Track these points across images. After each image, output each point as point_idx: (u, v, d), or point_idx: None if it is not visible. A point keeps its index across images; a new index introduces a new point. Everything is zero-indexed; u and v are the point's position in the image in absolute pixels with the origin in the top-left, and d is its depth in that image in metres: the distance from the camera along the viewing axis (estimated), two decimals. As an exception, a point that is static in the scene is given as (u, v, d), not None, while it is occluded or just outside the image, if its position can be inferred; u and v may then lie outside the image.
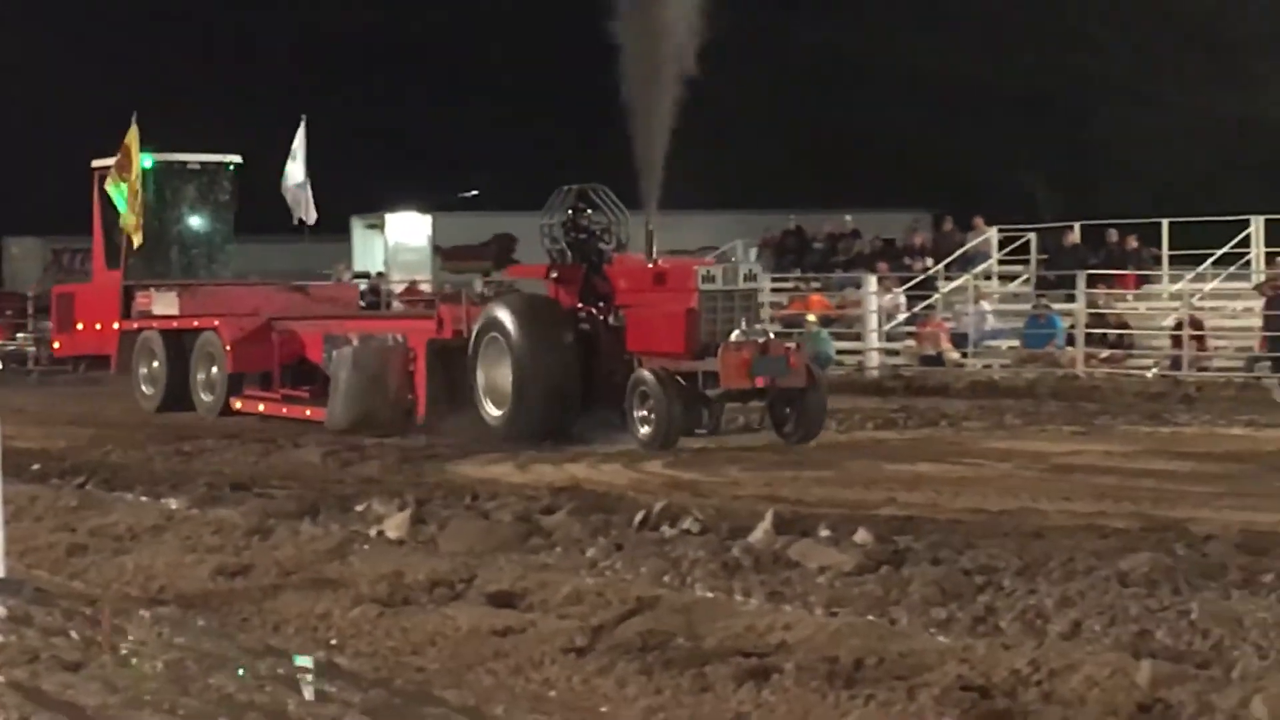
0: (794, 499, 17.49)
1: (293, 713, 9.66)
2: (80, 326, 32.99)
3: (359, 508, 16.70)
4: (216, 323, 29.56)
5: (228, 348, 29.05)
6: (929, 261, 42.24)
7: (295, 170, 34.40)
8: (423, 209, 57.39)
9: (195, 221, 33.56)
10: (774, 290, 42.64)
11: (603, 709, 9.39)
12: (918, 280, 40.98)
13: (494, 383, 24.70)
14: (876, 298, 39.46)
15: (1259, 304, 35.44)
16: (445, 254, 53.99)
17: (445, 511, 16.35)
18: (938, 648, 9.70)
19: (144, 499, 18.05)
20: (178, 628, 12.17)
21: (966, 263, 42.09)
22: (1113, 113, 57.01)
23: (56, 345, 35.05)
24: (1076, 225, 41.82)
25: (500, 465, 21.41)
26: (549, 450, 23.01)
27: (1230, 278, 38.71)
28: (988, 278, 42.69)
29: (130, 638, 11.99)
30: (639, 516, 15.61)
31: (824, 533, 14.41)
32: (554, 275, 25.44)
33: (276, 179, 34.37)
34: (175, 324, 30.51)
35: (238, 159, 33.42)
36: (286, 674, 10.64)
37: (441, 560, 13.48)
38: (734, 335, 22.84)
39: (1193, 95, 55.08)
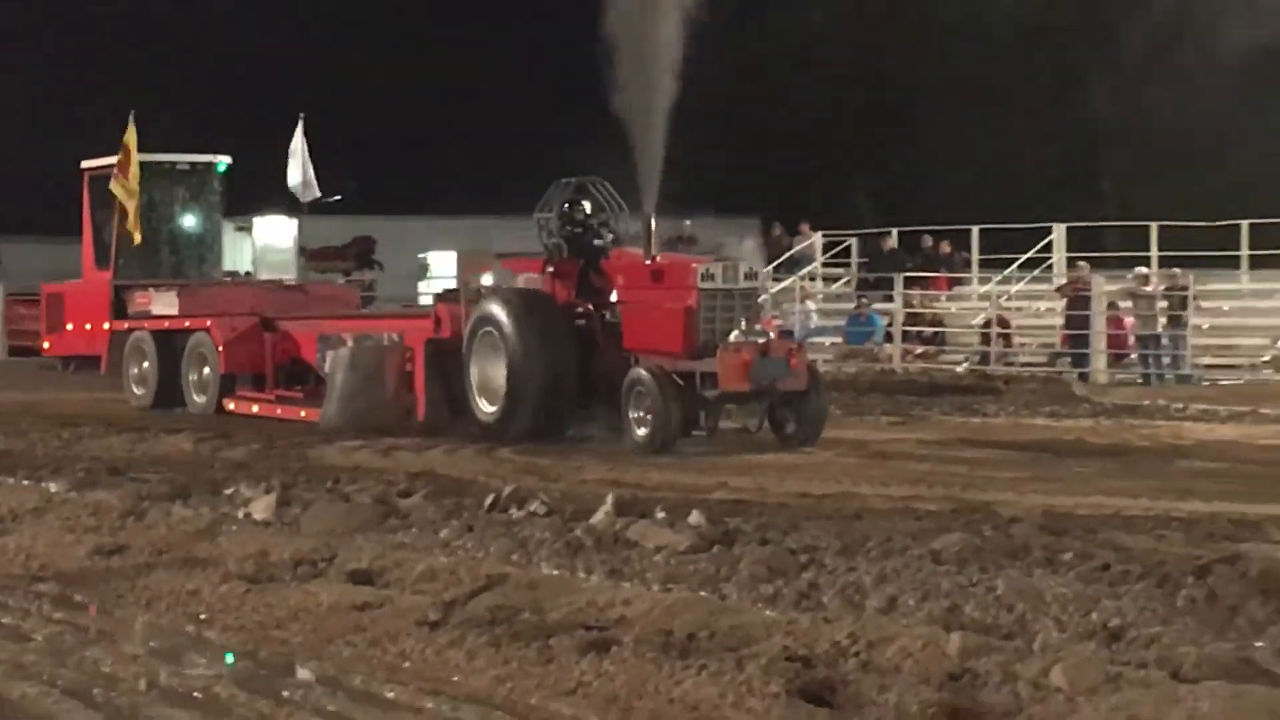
0: (634, 484, 17.48)
1: (165, 683, 9.59)
2: (70, 326, 30.72)
3: (228, 491, 16.59)
4: (209, 323, 27.49)
5: (220, 348, 27.02)
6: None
7: (295, 168, 33.29)
8: (289, 212, 57.06)
9: (184, 221, 31.32)
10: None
11: (454, 678, 9.37)
12: (749, 281, 41.21)
13: (488, 380, 22.78)
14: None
15: (1060, 304, 36.02)
16: (310, 255, 53.19)
17: (308, 495, 16.28)
18: (765, 621, 9.73)
19: (25, 482, 17.81)
20: (57, 604, 12.08)
21: (794, 265, 42.42)
22: (929, 127, 57.47)
23: (47, 345, 32.32)
24: (894, 231, 42.18)
25: (361, 451, 21.19)
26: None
27: (1034, 280, 39.25)
28: (813, 279, 42.97)
29: (11, 614, 11.88)
30: (489, 500, 15.57)
31: (660, 515, 14.38)
32: (550, 269, 23.25)
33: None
34: (167, 324, 28.37)
35: (227, 159, 31.18)
36: (160, 647, 10.55)
37: (305, 540, 13.42)
38: (733, 336, 21.08)
39: (1002, 111, 55.72)
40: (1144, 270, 36.03)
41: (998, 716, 7.76)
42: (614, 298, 22.81)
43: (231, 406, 26.76)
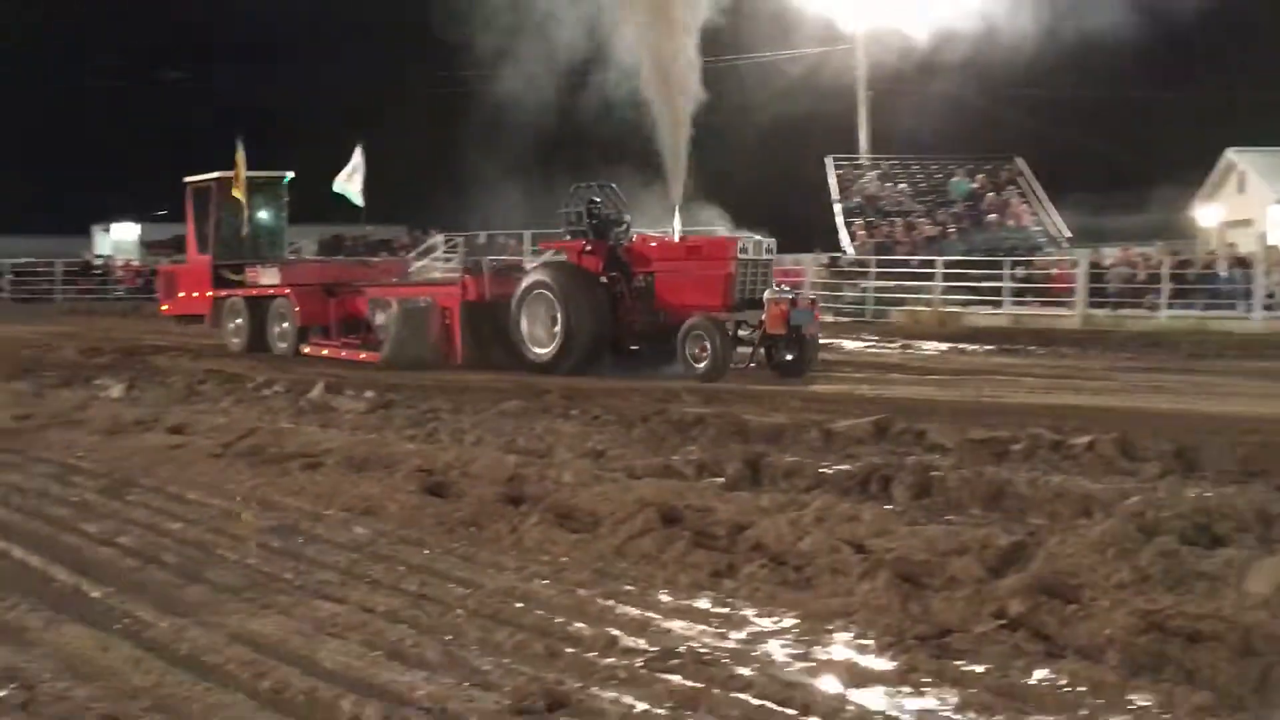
0: (335, 374, 17.11)
1: (54, 492, 9.13)
2: (181, 294, 25.26)
3: (96, 381, 15.86)
4: (288, 290, 22.39)
5: (297, 309, 22.00)
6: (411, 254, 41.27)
7: (356, 180, 26.52)
8: (134, 219, 54.81)
9: (261, 218, 25.16)
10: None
11: (229, 485, 9.06)
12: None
13: (535, 331, 18.36)
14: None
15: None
16: (149, 247, 50.80)
17: (145, 383, 15.70)
18: (406, 450, 9.65)
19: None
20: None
21: (427, 254, 41.19)
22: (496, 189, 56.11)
23: (165, 308, 26.10)
24: (483, 234, 40.47)
25: (181, 359, 20.29)
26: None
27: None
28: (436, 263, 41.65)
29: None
30: (251, 385, 15.36)
31: (350, 392, 14.27)
32: (588, 249, 18.58)
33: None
34: (255, 292, 23.21)
35: (291, 174, 25.26)
36: (52, 473, 10.03)
37: (142, 409, 12.88)
38: (768, 294, 17.28)
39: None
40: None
41: (535, 498, 7.84)
42: (647, 269, 18.35)
43: (307, 350, 21.71)
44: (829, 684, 4.76)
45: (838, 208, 38.45)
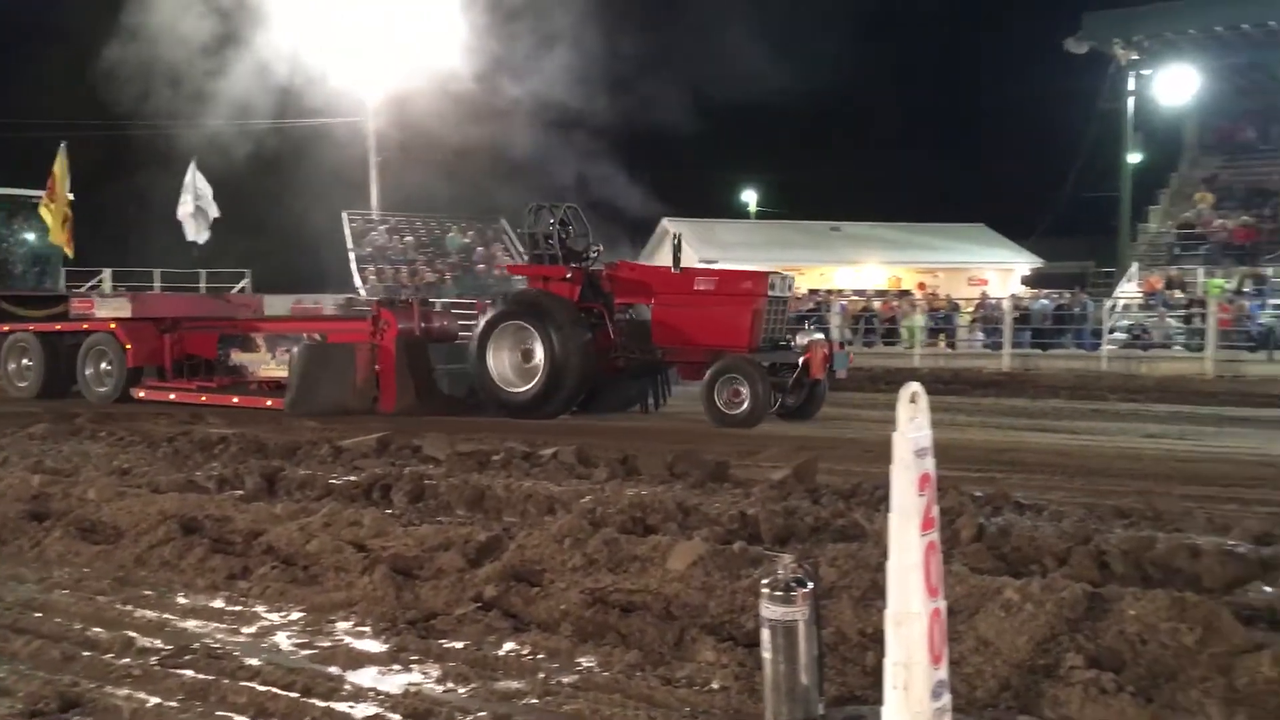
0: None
1: None
2: None
3: None
4: (112, 325, 16.56)
5: (128, 346, 16.31)
6: None
7: (187, 202, 19.56)
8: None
9: (33, 242, 19.21)
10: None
11: None
12: None
13: (505, 367, 14.22)
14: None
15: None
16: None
17: None
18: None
19: None
20: None
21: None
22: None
23: None
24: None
25: None
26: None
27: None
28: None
29: None
30: None
31: None
32: (568, 276, 14.36)
33: None
34: (60, 326, 17.26)
35: (70, 196, 18.70)
36: None
37: None
38: (803, 336, 13.79)
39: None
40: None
41: (59, 514, 7.14)
42: (640, 300, 14.43)
43: (142, 395, 16.15)
44: (329, 668, 4.62)
45: (352, 255, 38.65)
